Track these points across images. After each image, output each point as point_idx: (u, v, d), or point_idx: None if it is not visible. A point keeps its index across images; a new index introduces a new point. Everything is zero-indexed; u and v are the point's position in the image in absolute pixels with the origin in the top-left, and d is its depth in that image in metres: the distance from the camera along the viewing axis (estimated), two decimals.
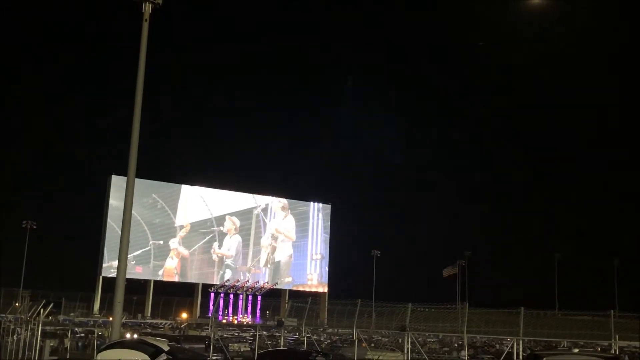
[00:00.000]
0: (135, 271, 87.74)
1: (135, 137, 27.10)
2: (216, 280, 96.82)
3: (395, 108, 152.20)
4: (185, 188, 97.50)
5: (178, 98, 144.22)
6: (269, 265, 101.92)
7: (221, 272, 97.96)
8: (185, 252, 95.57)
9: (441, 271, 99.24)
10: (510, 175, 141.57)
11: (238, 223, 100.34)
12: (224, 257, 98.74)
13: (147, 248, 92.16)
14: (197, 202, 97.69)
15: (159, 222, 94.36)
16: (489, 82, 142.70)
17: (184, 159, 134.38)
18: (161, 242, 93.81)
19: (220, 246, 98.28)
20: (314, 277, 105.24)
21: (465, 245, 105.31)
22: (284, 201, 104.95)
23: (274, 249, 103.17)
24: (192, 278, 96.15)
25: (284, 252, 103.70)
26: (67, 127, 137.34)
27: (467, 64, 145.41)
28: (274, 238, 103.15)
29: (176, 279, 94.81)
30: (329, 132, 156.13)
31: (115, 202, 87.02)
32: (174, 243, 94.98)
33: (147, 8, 28.05)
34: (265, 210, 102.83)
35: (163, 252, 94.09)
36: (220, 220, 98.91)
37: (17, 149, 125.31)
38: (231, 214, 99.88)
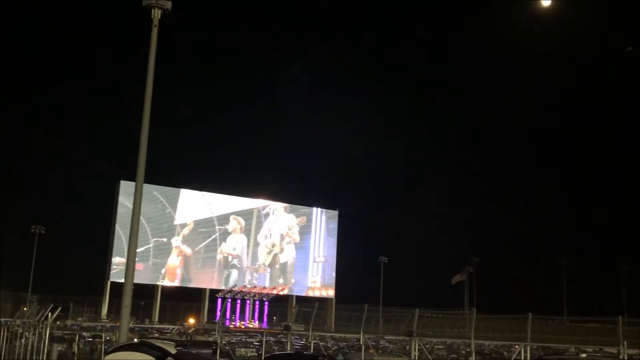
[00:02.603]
0: (137, 269, 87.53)
1: (144, 142, 27.21)
2: (220, 280, 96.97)
3: (404, 114, 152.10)
4: (187, 191, 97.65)
5: (177, 100, 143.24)
6: (277, 266, 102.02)
7: (227, 271, 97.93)
8: (188, 250, 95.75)
9: (449, 277, 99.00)
10: (519, 182, 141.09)
11: (243, 222, 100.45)
12: (230, 256, 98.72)
13: (149, 246, 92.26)
14: (199, 202, 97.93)
15: (161, 220, 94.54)
16: (493, 81, 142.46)
17: (185, 163, 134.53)
18: (164, 239, 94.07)
19: (224, 245, 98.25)
20: (317, 279, 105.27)
21: (473, 252, 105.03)
22: (288, 205, 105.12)
23: (281, 249, 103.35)
24: (195, 277, 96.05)
25: (288, 254, 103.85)
26: (76, 132, 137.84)
27: (469, 64, 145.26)
28: (282, 238, 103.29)
29: (179, 277, 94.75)
30: (339, 138, 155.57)
31: (123, 207, 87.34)
32: (176, 241, 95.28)
33: (157, 14, 28.27)
34: (268, 210, 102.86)
35: (165, 250, 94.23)
36: (223, 219, 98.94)
37: (25, 154, 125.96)
38: (234, 213, 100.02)
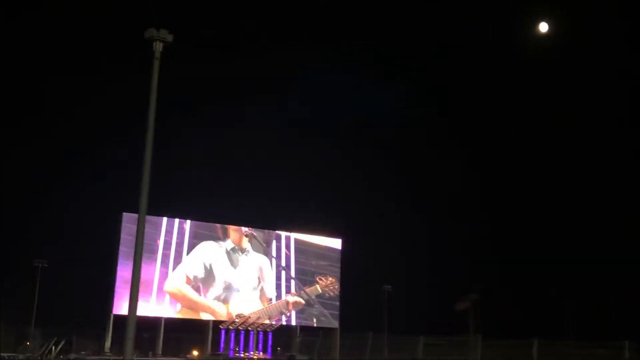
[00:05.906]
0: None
1: (146, 176, 27.34)
2: (226, 312, 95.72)
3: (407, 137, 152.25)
4: (186, 222, 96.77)
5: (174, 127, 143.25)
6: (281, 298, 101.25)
7: (231, 300, 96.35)
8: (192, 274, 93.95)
9: (454, 304, 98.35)
10: (524, 204, 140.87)
11: (251, 252, 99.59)
12: (234, 286, 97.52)
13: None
14: (196, 232, 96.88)
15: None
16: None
17: (182, 194, 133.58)
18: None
19: (230, 276, 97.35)
20: (322, 308, 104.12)
21: (479, 277, 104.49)
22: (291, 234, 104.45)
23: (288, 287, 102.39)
24: (199, 309, 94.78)
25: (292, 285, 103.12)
26: (78, 164, 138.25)
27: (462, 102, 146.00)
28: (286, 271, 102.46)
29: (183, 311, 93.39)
30: (340, 165, 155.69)
31: (126, 239, 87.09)
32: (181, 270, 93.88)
33: (158, 46, 28.55)
34: (272, 242, 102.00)
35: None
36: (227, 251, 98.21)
37: (27, 187, 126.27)
38: (240, 246, 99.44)
